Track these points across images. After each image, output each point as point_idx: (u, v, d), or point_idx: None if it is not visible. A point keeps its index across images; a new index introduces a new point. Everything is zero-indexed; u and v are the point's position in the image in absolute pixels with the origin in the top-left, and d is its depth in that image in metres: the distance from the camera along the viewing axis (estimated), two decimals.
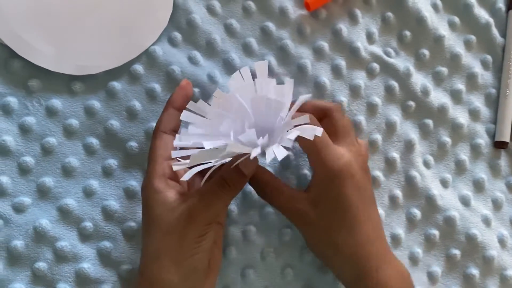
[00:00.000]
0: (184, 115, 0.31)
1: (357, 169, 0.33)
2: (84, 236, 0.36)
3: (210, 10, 0.40)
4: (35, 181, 0.36)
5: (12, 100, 0.36)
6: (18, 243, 0.34)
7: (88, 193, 0.36)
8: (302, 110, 0.33)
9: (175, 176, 0.33)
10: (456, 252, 0.40)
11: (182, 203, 0.31)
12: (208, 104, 0.31)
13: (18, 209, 0.35)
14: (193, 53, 0.39)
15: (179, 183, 0.33)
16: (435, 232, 0.40)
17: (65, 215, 0.35)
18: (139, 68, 0.38)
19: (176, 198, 0.31)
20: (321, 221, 0.33)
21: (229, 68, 0.39)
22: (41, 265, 0.34)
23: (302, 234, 0.36)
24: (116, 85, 0.37)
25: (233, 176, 0.31)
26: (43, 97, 0.37)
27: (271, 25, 0.40)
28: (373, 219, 0.34)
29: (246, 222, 0.37)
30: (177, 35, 0.39)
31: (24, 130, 0.36)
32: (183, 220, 0.30)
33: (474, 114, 0.43)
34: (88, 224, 0.36)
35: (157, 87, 0.38)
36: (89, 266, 0.35)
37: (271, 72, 0.40)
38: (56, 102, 0.37)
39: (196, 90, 0.38)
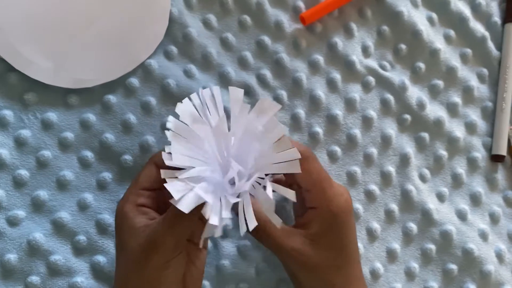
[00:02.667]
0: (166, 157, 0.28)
1: (352, 208, 0.33)
2: (78, 250, 0.35)
3: (206, 24, 0.40)
4: (30, 194, 0.36)
5: (8, 113, 0.36)
6: (12, 257, 0.34)
7: (83, 207, 0.36)
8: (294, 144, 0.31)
9: (151, 204, 0.32)
10: (453, 267, 0.40)
11: (146, 229, 0.30)
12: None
13: (12, 222, 0.35)
14: (189, 66, 0.39)
15: (148, 207, 0.32)
16: (432, 247, 0.40)
17: (59, 229, 0.35)
18: (134, 81, 0.38)
19: (143, 224, 0.30)
20: (320, 260, 0.32)
21: (225, 81, 0.39)
22: (34, 279, 0.34)
23: (293, 277, 0.34)
24: (112, 98, 0.38)
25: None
26: (39, 110, 0.37)
27: (266, 39, 0.40)
28: (358, 256, 0.34)
29: (240, 237, 0.37)
30: (173, 49, 0.39)
31: (20, 143, 0.36)
32: (146, 246, 0.29)
33: (470, 128, 0.43)
34: (82, 238, 0.35)
35: (152, 100, 0.38)
36: (82, 280, 0.35)
37: (266, 86, 0.40)
38: (52, 115, 0.37)
39: None
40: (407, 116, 0.42)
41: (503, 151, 0.42)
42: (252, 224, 0.27)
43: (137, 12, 0.38)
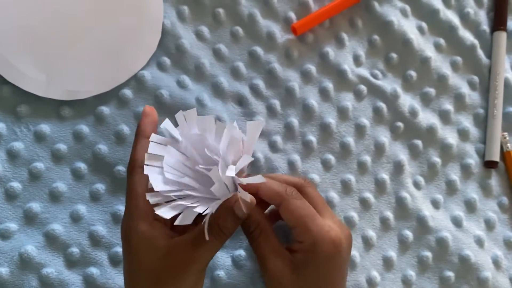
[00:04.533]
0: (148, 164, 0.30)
1: (344, 245, 0.32)
2: (71, 263, 0.35)
3: (199, 35, 0.40)
4: (22, 206, 0.35)
5: (1, 126, 0.36)
6: (3, 270, 0.34)
7: (75, 218, 0.36)
8: (270, 186, 0.32)
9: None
10: (450, 274, 0.39)
11: (173, 251, 0.29)
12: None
13: (4, 235, 0.35)
14: (182, 77, 0.39)
15: (162, 222, 0.31)
16: (428, 254, 0.40)
17: (52, 241, 0.35)
18: (127, 92, 0.38)
19: (165, 243, 0.29)
20: None
21: (218, 91, 0.40)
22: None
23: None
24: (105, 109, 0.38)
25: (229, 223, 0.30)
26: (31, 122, 0.37)
27: (259, 50, 0.41)
28: None
29: (235, 247, 0.37)
30: (166, 60, 0.39)
31: (12, 155, 0.36)
32: (176, 270, 0.29)
33: (463, 134, 0.43)
34: (74, 250, 0.35)
35: None
36: None
37: (259, 96, 0.40)
38: (45, 127, 0.37)
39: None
40: (400, 124, 0.42)
41: (496, 157, 0.42)
42: (247, 196, 0.29)
43: (130, 24, 0.39)
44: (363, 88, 0.42)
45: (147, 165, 0.30)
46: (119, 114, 0.38)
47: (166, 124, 0.31)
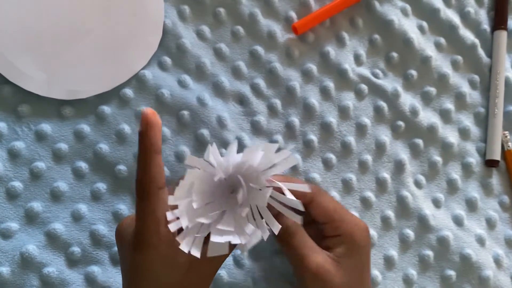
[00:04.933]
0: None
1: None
2: (72, 262, 0.35)
3: (200, 34, 0.40)
4: (23, 206, 0.35)
5: (2, 125, 0.36)
6: (4, 270, 0.34)
7: (77, 218, 0.36)
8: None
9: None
10: (451, 273, 0.39)
11: (194, 267, 0.29)
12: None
13: (5, 235, 0.35)
14: (183, 76, 0.39)
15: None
16: (429, 253, 0.40)
17: (53, 240, 0.35)
18: (129, 92, 0.38)
19: (185, 260, 0.28)
20: (342, 281, 0.32)
21: (219, 91, 0.40)
22: None
23: None
24: (106, 109, 0.38)
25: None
26: (32, 122, 0.37)
27: (259, 49, 0.41)
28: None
29: (236, 247, 0.37)
30: (167, 59, 0.39)
31: (13, 155, 0.36)
32: (197, 284, 0.30)
33: (464, 133, 0.43)
34: (76, 249, 0.35)
35: None
36: None
37: (260, 95, 0.40)
38: (46, 127, 0.37)
39: (185, 113, 0.38)
40: (401, 123, 0.42)
41: (497, 156, 0.42)
42: (276, 227, 0.27)
43: (131, 23, 0.39)
44: (364, 87, 0.42)
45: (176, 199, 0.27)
46: (120, 113, 0.38)
47: (213, 151, 0.27)
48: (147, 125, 0.27)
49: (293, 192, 0.28)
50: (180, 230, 0.27)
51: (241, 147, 0.38)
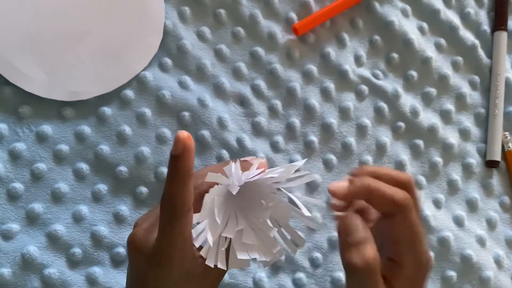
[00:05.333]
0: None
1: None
2: (73, 263, 0.35)
3: (200, 36, 0.40)
4: (24, 207, 0.35)
5: (2, 127, 0.36)
6: (5, 271, 0.34)
7: (77, 219, 0.36)
8: (385, 192, 0.28)
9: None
10: (452, 273, 0.39)
11: (209, 274, 0.30)
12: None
13: (6, 236, 0.35)
14: (184, 77, 0.39)
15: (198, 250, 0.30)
16: (430, 254, 0.40)
17: (54, 242, 0.35)
18: (129, 93, 0.38)
19: (203, 269, 0.29)
20: None
21: (219, 92, 0.40)
22: None
23: None
24: (107, 110, 0.38)
25: None
26: (33, 123, 0.37)
27: (260, 50, 0.41)
28: None
29: None
30: (168, 61, 0.39)
31: (14, 156, 0.36)
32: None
33: (464, 134, 0.43)
34: (76, 250, 0.35)
35: (147, 111, 0.38)
36: None
37: (261, 96, 0.40)
38: (47, 128, 0.37)
39: (186, 114, 0.38)
40: (401, 124, 0.42)
41: (497, 156, 0.42)
42: (301, 241, 0.29)
43: (131, 24, 0.39)
44: (364, 88, 0.42)
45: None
46: (121, 114, 0.38)
47: (235, 167, 0.28)
48: (184, 150, 0.27)
49: (377, 195, 0.27)
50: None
51: (242, 148, 0.38)
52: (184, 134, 0.27)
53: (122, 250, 0.36)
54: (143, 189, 0.37)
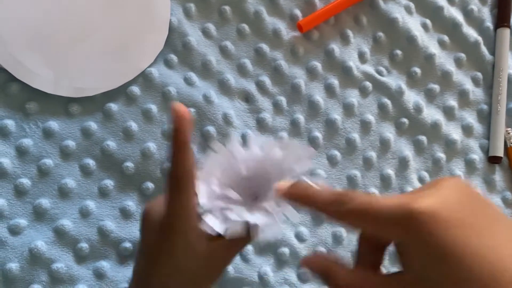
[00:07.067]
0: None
1: None
2: (80, 258, 0.35)
3: (205, 32, 0.41)
4: (32, 202, 0.36)
5: (10, 123, 0.36)
6: (13, 266, 0.34)
7: (85, 214, 0.36)
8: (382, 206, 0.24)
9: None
10: None
11: (212, 255, 0.29)
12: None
13: (14, 231, 0.35)
14: (189, 74, 0.40)
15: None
16: None
17: (61, 236, 0.35)
18: (135, 89, 0.38)
19: (205, 248, 0.29)
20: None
21: (225, 88, 0.40)
22: (36, 287, 0.34)
23: (425, 253, 0.22)
24: (113, 106, 0.38)
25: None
26: (40, 119, 0.37)
27: (265, 47, 0.41)
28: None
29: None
30: (173, 57, 0.40)
31: (21, 152, 0.36)
32: (213, 273, 0.30)
33: (467, 130, 0.43)
34: (84, 245, 0.35)
35: (153, 107, 0.38)
36: (85, 287, 0.35)
37: (266, 92, 0.40)
38: (53, 124, 0.37)
39: (192, 110, 0.39)
40: (405, 120, 0.42)
41: (500, 152, 0.43)
42: (295, 217, 0.29)
43: (137, 21, 0.39)
44: (368, 84, 0.42)
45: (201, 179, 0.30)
46: (127, 111, 0.38)
47: (234, 142, 0.31)
48: (181, 120, 0.28)
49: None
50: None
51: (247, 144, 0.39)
52: (179, 106, 0.28)
53: (129, 244, 0.36)
54: (149, 185, 0.37)
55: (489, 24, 0.46)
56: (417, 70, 0.43)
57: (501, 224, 0.23)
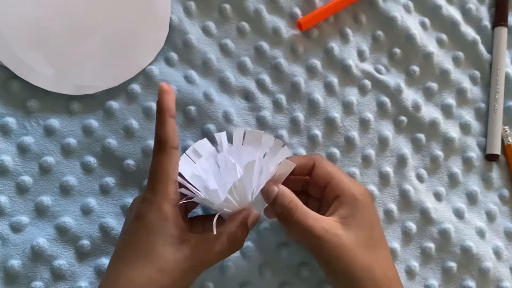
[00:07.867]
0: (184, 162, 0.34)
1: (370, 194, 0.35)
2: (82, 255, 0.36)
3: (206, 30, 0.41)
4: (33, 200, 0.36)
5: (11, 121, 0.36)
6: (15, 263, 0.34)
7: (86, 211, 0.36)
8: (299, 158, 0.36)
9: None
10: (452, 264, 0.40)
11: (187, 246, 0.30)
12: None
13: (16, 228, 0.35)
14: (189, 72, 0.40)
15: (182, 213, 0.32)
16: (431, 245, 0.40)
17: (63, 234, 0.36)
18: (136, 87, 0.39)
19: (179, 234, 0.30)
20: (352, 240, 0.31)
21: (225, 86, 0.40)
22: (38, 284, 0.34)
23: (324, 263, 0.33)
24: (114, 104, 0.38)
25: (244, 234, 0.32)
26: (41, 117, 0.37)
27: (265, 45, 0.41)
28: (386, 243, 0.35)
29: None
30: (174, 55, 0.40)
31: (22, 149, 0.36)
32: (185, 266, 0.29)
33: (465, 128, 0.44)
34: (85, 242, 0.36)
35: (154, 105, 0.38)
36: (86, 285, 0.35)
37: (265, 91, 0.41)
38: (54, 122, 0.37)
39: (192, 108, 0.39)
40: (403, 118, 0.42)
41: (497, 150, 0.43)
42: (273, 191, 0.33)
43: (138, 19, 0.39)
44: (367, 83, 0.42)
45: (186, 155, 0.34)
46: (128, 108, 0.38)
47: (222, 135, 0.36)
48: (163, 93, 0.32)
49: (297, 160, 0.35)
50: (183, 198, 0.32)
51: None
52: (164, 83, 0.32)
53: None
54: None
55: (487, 23, 0.46)
56: (416, 68, 0.44)
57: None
